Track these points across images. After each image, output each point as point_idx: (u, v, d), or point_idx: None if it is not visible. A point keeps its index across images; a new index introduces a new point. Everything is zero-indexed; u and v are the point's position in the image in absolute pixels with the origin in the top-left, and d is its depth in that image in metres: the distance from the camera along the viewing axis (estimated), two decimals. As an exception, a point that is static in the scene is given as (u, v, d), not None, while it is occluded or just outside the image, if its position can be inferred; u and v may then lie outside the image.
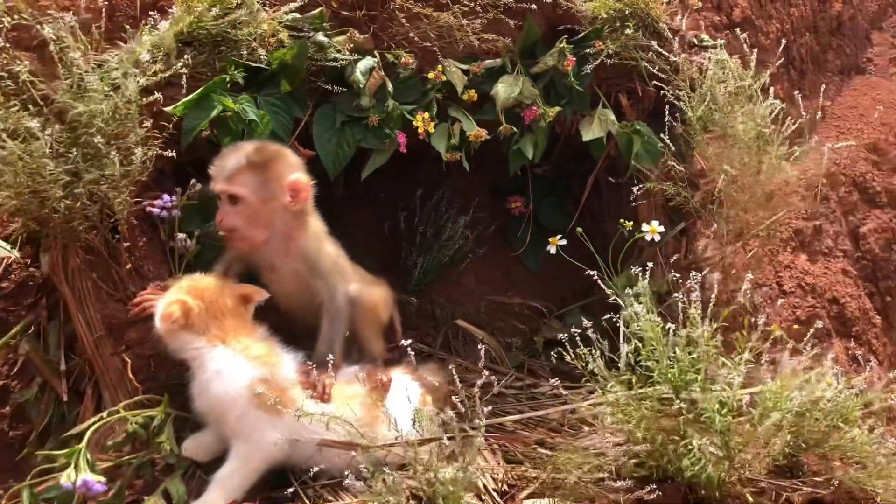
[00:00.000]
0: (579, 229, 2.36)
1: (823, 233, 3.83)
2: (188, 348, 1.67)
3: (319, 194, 2.67)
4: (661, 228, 2.29)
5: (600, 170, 2.65)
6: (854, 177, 4.23)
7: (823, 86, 3.83)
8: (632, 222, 2.35)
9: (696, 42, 2.59)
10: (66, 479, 1.52)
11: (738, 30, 3.68)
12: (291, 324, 2.01)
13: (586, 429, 2.07)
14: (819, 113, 3.87)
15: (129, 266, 1.85)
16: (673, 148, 2.38)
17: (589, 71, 2.35)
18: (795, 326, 2.46)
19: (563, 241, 2.45)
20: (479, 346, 1.77)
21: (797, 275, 3.44)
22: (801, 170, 2.51)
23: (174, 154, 1.84)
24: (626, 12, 2.39)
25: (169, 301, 1.66)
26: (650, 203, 2.49)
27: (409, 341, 1.70)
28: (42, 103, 1.72)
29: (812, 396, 1.75)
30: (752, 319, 1.80)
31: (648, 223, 2.44)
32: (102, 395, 1.88)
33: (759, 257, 2.60)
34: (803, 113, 2.60)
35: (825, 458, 2.01)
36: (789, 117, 2.50)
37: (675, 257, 2.40)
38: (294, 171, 1.90)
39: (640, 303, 1.75)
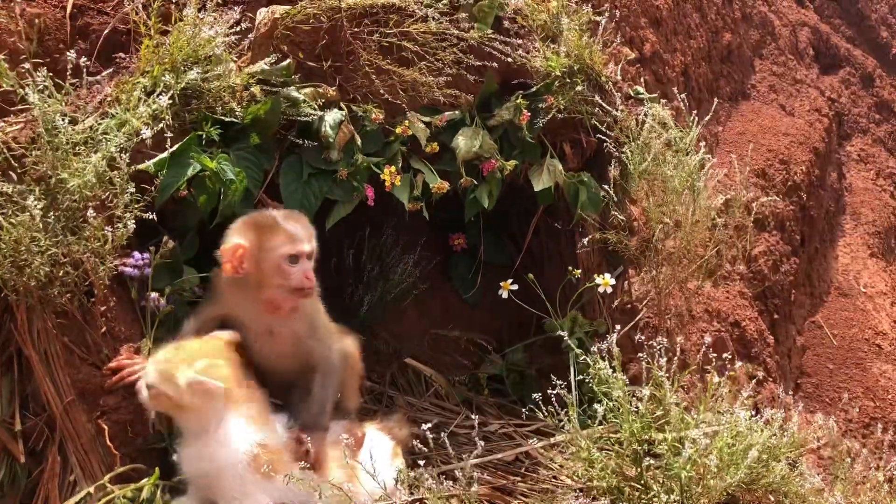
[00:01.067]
0: (530, 276, 2.48)
1: (722, 257, 4.12)
2: (210, 414, 1.66)
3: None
4: (613, 281, 2.43)
5: (541, 212, 2.77)
6: (746, 202, 4.54)
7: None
8: (580, 270, 2.49)
9: (632, 94, 2.75)
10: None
11: (643, 66, 3.90)
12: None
13: (543, 472, 2.19)
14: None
15: (103, 329, 1.80)
16: (615, 198, 2.53)
17: (541, 124, 2.46)
18: (732, 373, 2.67)
19: (515, 287, 2.55)
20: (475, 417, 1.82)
21: (704, 300, 3.70)
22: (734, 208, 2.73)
23: (154, 216, 1.80)
24: (575, 68, 2.51)
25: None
26: (591, 248, 2.64)
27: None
28: (17, 164, 1.65)
29: (766, 444, 1.93)
30: (708, 375, 1.96)
31: (589, 267, 2.59)
32: (68, 460, 1.83)
33: (693, 289, 2.80)
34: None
35: (755, 492, 2.21)
36: (716, 169, 2.71)
37: (616, 302, 2.56)
38: None
39: (610, 366, 1.88)
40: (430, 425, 1.71)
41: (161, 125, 1.79)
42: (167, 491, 1.79)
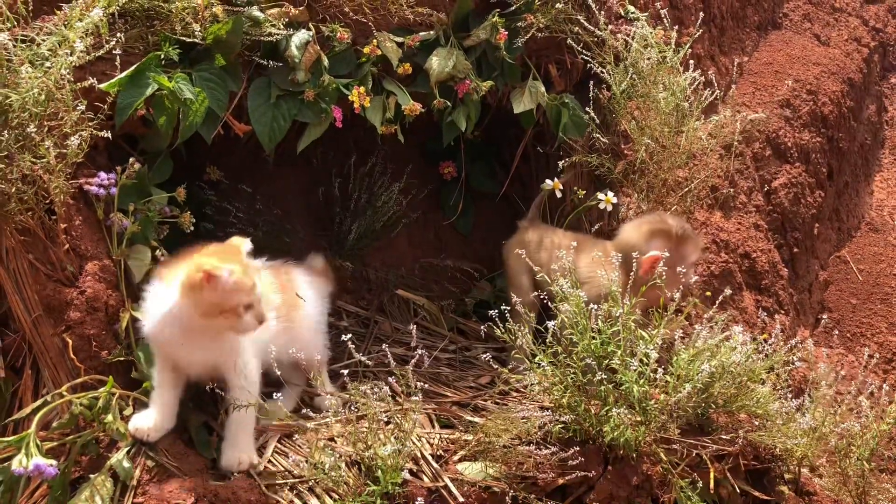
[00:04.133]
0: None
1: (737, 189, 4.01)
2: None
3: (251, 159, 2.70)
4: (615, 199, 2.40)
5: (529, 137, 2.73)
6: (767, 133, 4.41)
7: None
8: (584, 191, 2.46)
9: (622, 14, 2.66)
10: (17, 464, 1.56)
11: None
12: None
13: (515, 394, 2.20)
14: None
15: (66, 246, 1.85)
16: (598, 120, 2.48)
17: (520, 44, 2.41)
18: (708, 293, 2.61)
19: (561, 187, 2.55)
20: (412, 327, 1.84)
21: (712, 231, 3.62)
22: (718, 132, 2.64)
23: (109, 135, 1.83)
24: (557, -16, 2.44)
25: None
26: (577, 172, 2.59)
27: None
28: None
29: (722, 362, 1.90)
30: (669, 294, 1.93)
31: (575, 188, 2.56)
32: (42, 374, 1.90)
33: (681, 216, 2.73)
34: (715, 81, 2.71)
35: (733, 415, 2.19)
36: (707, 89, 2.61)
37: (598, 224, 2.52)
38: None
39: (565, 279, 1.86)
40: (350, 336, 1.73)
41: (112, 42, 1.80)
42: (131, 403, 1.85)
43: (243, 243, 1.80)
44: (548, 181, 2.50)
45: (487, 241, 2.95)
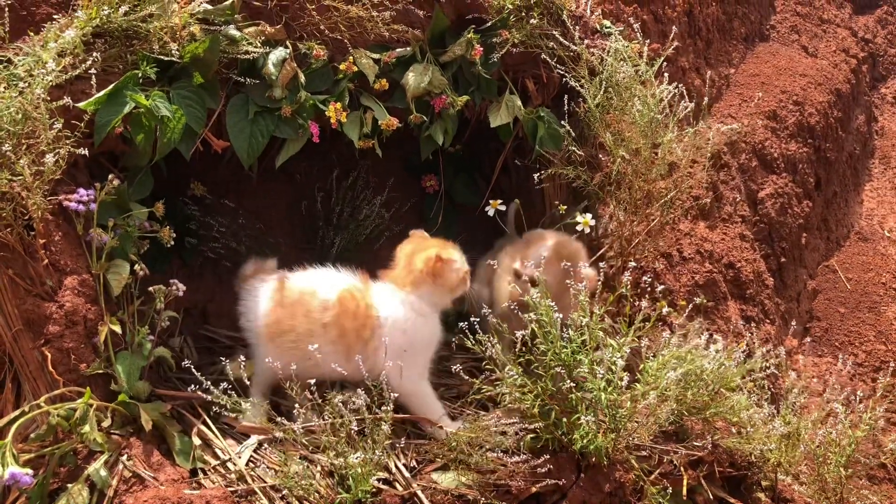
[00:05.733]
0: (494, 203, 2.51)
1: (723, 200, 4.05)
2: None
3: (236, 175, 2.73)
4: (593, 221, 2.44)
5: (509, 150, 2.77)
6: (754, 144, 4.44)
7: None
8: (565, 206, 2.50)
9: (598, 28, 2.71)
10: (-8, 474, 1.59)
11: (641, 6, 3.77)
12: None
13: (491, 406, 2.22)
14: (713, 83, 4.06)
15: (45, 262, 1.88)
16: (573, 133, 2.51)
17: (496, 59, 2.45)
18: (682, 302, 2.64)
19: (503, 207, 2.59)
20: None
21: (696, 241, 3.65)
22: (698, 144, 2.67)
23: (86, 152, 1.87)
24: (532, 1, 2.48)
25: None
26: (555, 184, 2.63)
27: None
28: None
29: (691, 369, 1.93)
30: (637, 303, 1.96)
31: (556, 202, 2.59)
32: (23, 387, 1.93)
33: (659, 227, 2.77)
34: (701, 93, 2.74)
35: (708, 422, 2.21)
36: (683, 101, 2.65)
37: (575, 236, 2.55)
38: None
39: (535, 289, 1.89)
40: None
41: (88, 61, 1.84)
42: (109, 415, 1.89)
43: (422, 232, 2.32)
44: (488, 208, 2.58)
45: (468, 252, 2.97)
